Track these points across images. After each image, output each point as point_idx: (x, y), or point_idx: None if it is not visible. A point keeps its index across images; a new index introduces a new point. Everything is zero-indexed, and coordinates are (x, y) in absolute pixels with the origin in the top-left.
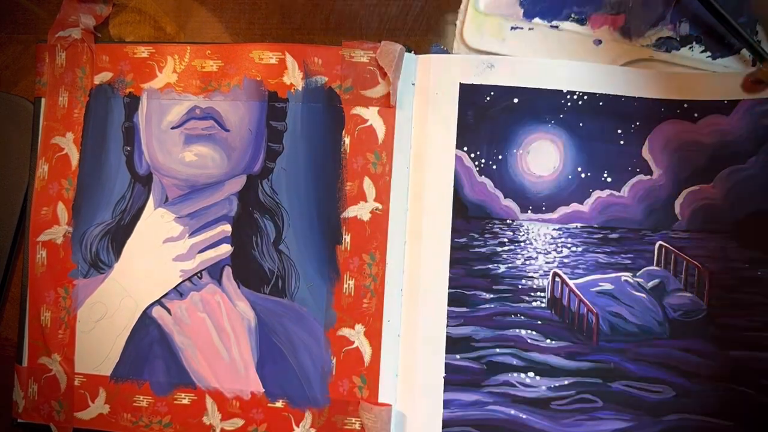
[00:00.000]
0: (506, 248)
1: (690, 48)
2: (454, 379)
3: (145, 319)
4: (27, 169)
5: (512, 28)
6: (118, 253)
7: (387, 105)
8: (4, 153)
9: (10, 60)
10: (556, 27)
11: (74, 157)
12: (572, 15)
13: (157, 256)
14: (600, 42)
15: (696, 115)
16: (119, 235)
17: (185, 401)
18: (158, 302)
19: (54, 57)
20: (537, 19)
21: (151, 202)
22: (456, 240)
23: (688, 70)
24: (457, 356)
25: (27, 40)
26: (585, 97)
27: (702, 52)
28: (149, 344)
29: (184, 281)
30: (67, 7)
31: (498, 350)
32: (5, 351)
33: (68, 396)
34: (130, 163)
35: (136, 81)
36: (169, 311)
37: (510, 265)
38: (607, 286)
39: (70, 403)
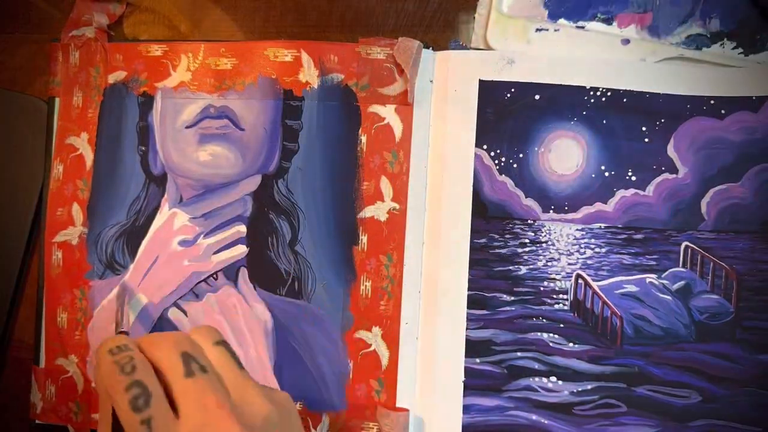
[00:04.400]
0: (527, 249)
1: (721, 45)
2: (473, 383)
3: (162, 321)
4: (41, 170)
5: (537, 29)
6: (133, 254)
7: (404, 103)
8: (19, 153)
9: (24, 60)
10: (582, 27)
11: (89, 158)
12: (598, 15)
13: (172, 257)
14: (628, 41)
15: (723, 111)
16: (134, 235)
17: None
18: (174, 304)
19: (68, 56)
20: (562, 20)
21: (165, 203)
22: (475, 241)
23: (719, 67)
24: (477, 360)
25: (41, 39)
26: (608, 94)
27: (734, 48)
28: None
29: (199, 282)
30: (80, 6)
31: (519, 354)
32: (20, 353)
33: (86, 397)
34: (144, 163)
35: (150, 80)
36: (185, 313)
37: (531, 266)
38: (632, 288)
39: (88, 405)
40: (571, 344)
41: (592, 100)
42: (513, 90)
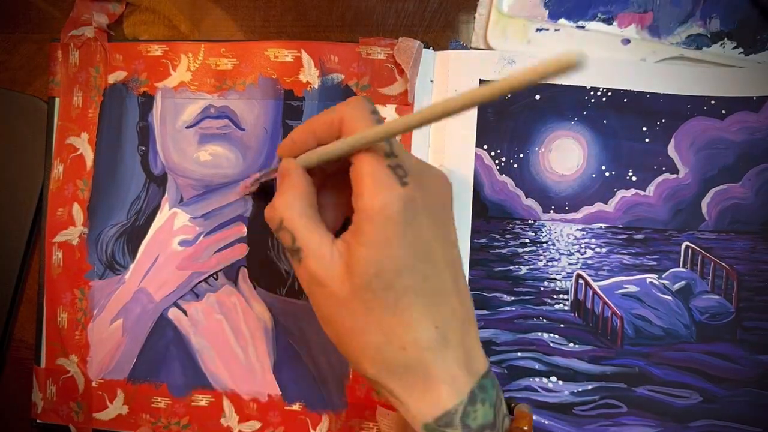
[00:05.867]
0: (528, 249)
1: (721, 45)
2: None
3: (162, 320)
4: (42, 170)
5: (537, 29)
6: (133, 254)
7: (405, 103)
8: (19, 153)
9: (24, 60)
10: (583, 27)
11: (89, 158)
12: (598, 15)
13: (173, 257)
14: (628, 41)
15: (723, 111)
16: (135, 235)
17: (203, 403)
18: (174, 304)
19: (67, 56)
20: (562, 20)
21: (166, 203)
22: (476, 241)
23: (719, 67)
24: None
25: (41, 39)
26: (609, 94)
27: (734, 48)
28: (166, 346)
29: (200, 282)
30: (80, 6)
31: (519, 354)
32: (21, 352)
33: (86, 397)
34: (145, 163)
35: (150, 80)
36: (185, 313)
37: (532, 266)
38: (632, 289)
39: (89, 404)
40: (571, 344)
41: (593, 100)
42: None
